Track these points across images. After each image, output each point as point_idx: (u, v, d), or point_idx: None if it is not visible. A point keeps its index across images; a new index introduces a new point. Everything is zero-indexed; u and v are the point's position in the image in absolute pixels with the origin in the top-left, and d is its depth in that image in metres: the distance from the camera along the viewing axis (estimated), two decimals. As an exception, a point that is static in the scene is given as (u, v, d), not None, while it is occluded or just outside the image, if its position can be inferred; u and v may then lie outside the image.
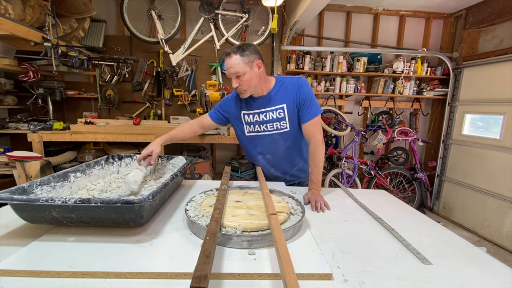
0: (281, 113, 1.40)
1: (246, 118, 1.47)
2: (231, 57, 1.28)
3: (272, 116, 1.42)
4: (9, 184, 2.44)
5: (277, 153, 1.49)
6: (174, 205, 1.14)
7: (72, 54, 2.66)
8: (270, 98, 1.41)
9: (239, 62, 1.27)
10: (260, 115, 1.43)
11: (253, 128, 1.47)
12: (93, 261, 0.72)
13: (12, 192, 0.85)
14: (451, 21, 3.81)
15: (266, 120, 1.43)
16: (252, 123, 1.46)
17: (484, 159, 3.20)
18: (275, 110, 1.41)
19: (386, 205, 1.26)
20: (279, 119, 1.41)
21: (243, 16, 3.29)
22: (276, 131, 1.44)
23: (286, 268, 0.59)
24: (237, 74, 1.29)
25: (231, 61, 1.28)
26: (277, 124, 1.42)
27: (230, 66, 1.28)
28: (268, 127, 1.44)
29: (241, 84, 1.32)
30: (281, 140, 1.45)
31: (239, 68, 1.28)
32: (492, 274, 0.76)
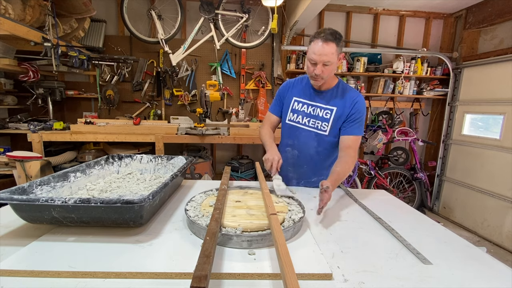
0: (327, 114, 1.38)
1: (295, 105, 1.44)
2: (328, 44, 1.20)
3: (319, 114, 1.39)
4: (9, 184, 2.44)
5: (306, 153, 1.45)
6: (174, 205, 1.14)
7: (72, 54, 2.66)
8: (327, 95, 1.39)
9: (333, 52, 1.22)
10: (309, 107, 1.41)
11: (295, 117, 1.44)
12: (93, 261, 0.71)
13: (12, 192, 0.85)
14: (451, 21, 3.81)
15: (312, 114, 1.40)
16: (297, 112, 1.44)
17: (484, 159, 3.20)
18: (324, 109, 1.38)
19: (386, 205, 1.26)
20: (324, 119, 1.38)
21: (243, 16, 3.29)
22: (315, 130, 1.41)
23: (286, 268, 0.59)
24: (326, 63, 1.23)
25: (328, 49, 1.20)
26: (319, 123, 1.39)
27: (325, 53, 1.21)
28: (310, 123, 1.41)
29: (324, 73, 1.26)
30: (315, 142, 1.42)
31: (332, 58, 1.22)
32: (492, 274, 0.76)
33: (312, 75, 1.29)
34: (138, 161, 1.47)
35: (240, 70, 3.71)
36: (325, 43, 1.20)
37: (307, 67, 1.30)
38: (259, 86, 3.73)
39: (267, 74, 3.75)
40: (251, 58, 3.73)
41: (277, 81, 3.80)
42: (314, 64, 1.25)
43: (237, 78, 3.76)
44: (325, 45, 1.20)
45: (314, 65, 1.25)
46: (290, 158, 1.51)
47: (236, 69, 3.74)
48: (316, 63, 1.24)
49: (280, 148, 1.54)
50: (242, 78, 3.72)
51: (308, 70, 1.29)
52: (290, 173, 1.53)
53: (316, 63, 1.24)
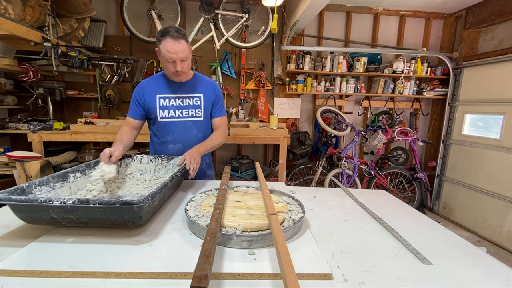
0: (197, 101, 1.49)
1: (162, 102, 1.47)
2: (179, 41, 1.29)
3: (189, 103, 1.48)
4: (9, 184, 2.44)
5: (189, 143, 1.49)
6: (174, 205, 1.14)
7: (72, 54, 2.66)
8: (189, 85, 1.49)
9: (186, 48, 1.33)
10: (177, 100, 1.47)
11: (167, 113, 1.47)
12: (93, 261, 0.71)
13: (11, 193, 0.85)
14: (451, 21, 3.81)
15: (183, 105, 1.48)
16: (167, 107, 1.47)
17: (484, 159, 3.20)
18: (192, 98, 1.49)
19: (386, 205, 1.26)
20: (195, 106, 1.49)
21: (243, 16, 3.29)
22: (191, 118, 1.49)
23: (286, 268, 0.59)
24: (183, 59, 1.34)
25: (181, 46, 1.30)
26: (193, 111, 1.49)
27: (180, 50, 1.30)
28: (183, 113, 1.48)
29: (184, 68, 1.36)
30: (194, 129, 1.50)
31: (187, 53, 1.34)
32: (492, 274, 0.76)
33: (174, 72, 1.37)
34: (138, 161, 1.47)
35: (240, 70, 3.71)
36: (177, 42, 1.29)
37: (166, 67, 1.37)
38: (259, 86, 3.73)
39: (267, 74, 3.75)
40: (251, 58, 3.73)
41: (277, 81, 3.80)
42: (173, 62, 1.33)
43: (237, 78, 3.76)
44: (177, 44, 1.29)
45: (174, 63, 1.33)
46: (175, 153, 1.53)
47: (236, 69, 3.74)
48: (174, 60, 1.32)
49: (161, 148, 1.55)
50: (242, 78, 3.72)
51: (169, 69, 1.37)
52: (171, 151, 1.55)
53: (174, 60, 1.32)
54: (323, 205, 1.22)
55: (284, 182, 2.89)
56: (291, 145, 3.55)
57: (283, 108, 3.88)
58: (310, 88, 3.66)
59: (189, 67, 1.42)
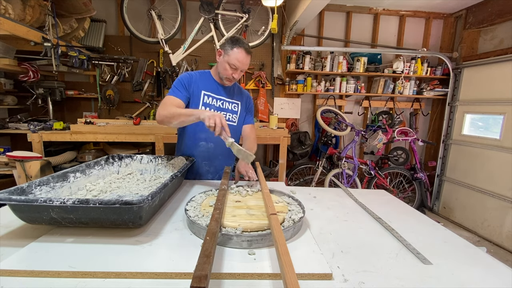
0: (235, 107, 1.60)
1: (206, 99, 1.51)
2: (249, 56, 1.43)
3: (228, 107, 1.57)
4: (9, 184, 2.44)
5: (220, 144, 1.53)
6: (174, 205, 1.14)
7: (72, 54, 2.66)
8: (231, 91, 1.59)
9: (249, 61, 1.46)
10: (218, 101, 1.54)
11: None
12: (93, 261, 0.71)
13: (11, 193, 0.85)
14: (451, 21, 3.81)
15: (223, 108, 1.55)
16: (209, 106, 1.52)
17: (484, 159, 3.20)
18: (231, 103, 1.58)
19: (386, 205, 1.26)
20: (233, 111, 1.59)
21: (243, 16, 3.29)
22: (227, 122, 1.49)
23: (286, 268, 0.59)
24: (243, 70, 1.47)
25: (248, 60, 1.44)
26: (230, 115, 1.57)
27: (247, 64, 1.44)
28: None
29: (238, 78, 1.49)
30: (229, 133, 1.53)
31: (247, 66, 1.47)
32: (492, 274, 0.76)
33: (229, 78, 1.47)
34: (138, 161, 1.47)
35: (240, 70, 3.70)
36: (247, 54, 1.42)
37: (225, 69, 1.44)
38: (259, 86, 3.73)
39: (267, 74, 3.75)
40: (251, 58, 3.72)
41: (277, 81, 3.80)
42: (235, 69, 1.43)
43: (237, 78, 3.75)
44: (247, 57, 1.42)
45: (235, 70, 1.44)
46: (205, 151, 1.57)
47: (236, 69, 3.73)
48: (237, 69, 1.43)
49: (191, 144, 1.57)
50: (242, 78, 3.72)
51: (226, 72, 1.44)
52: (206, 166, 1.60)
53: (237, 69, 1.43)
54: (323, 205, 1.22)
55: (284, 182, 2.89)
56: (291, 145, 3.55)
57: (283, 108, 3.88)
58: (310, 88, 3.66)
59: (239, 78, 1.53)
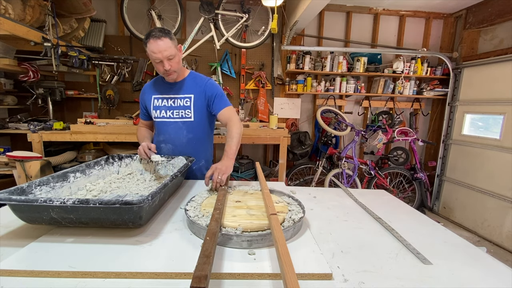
0: (187, 101, 1.48)
1: (155, 102, 1.51)
2: (162, 40, 1.28)
3: (180, 104, 1.48)
4: (9, 184, 2.44)
5: (179, 143, 1.52)
6: (174, 205, 1.14)
7: (72, 54, 2.66)
8: (181, 86, 1.49)
9: (170, 46, 1.31)
10: (169, 100, 1.49)
11: (159, 113, 1.51)
12: (93, 261, 0.71)
13: (11, 193, 0.85)
14: (451, 21, 3.81)
15: (174, 106, 1.49)
16: (160, 108, 1.50)
17: (484, 159, 3.20)
18: (183, 98, 1.48)
19: (386, 205, 1.26)
20: (185, 107, 1.48)
21: (243, 16, 3.29)
22: (180, 119, 1.49)
23: (286, 268, 0.59)
24: (170, 57, 1.33)
25: (164, 44, 1.29)
26: (183, 112, 1.49)
27: (164, 49, 1.29)
28: (174, 114, 1.49)
29: (172, 66, 1.36)
30: (184, 130, 1.50)
31: (172, 51, 1.32)
32: (492, 274, 0.76)
33: (163, 72, 1.38)
34: (138, 161, 1.47)
35: (240, 70, 3.71)
36: (159, 40, 1.28)
37: (157, 69, 1.37)
38: (259, 86, 3.73)
39: (267, 74, 3.75)
40: (251, 58, 3.73)
41: (277, 81, 3.80)
42: (161, 62, 1.33)
43: (237, 78, 3.76)
44: (160, 42, 1.28)
45: (161, 63, 1.33)
46: (166, 153, 1.56)
47: (236, 69, 3.74)
48: (161, 61, 1.32)
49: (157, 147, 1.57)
50: (242, 78, 3.72)
51: (159, 70, 1.37)
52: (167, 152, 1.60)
53: (161, 61, 1.32)
54: (323, 205, 1.22)
55: (284, 182, 2.89)
56: (291, 145, 3.55)
57: (283, 108, 3.88)
58: (310, 88, 3.66)
59: (179, 65, 1.41)
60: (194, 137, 1.53)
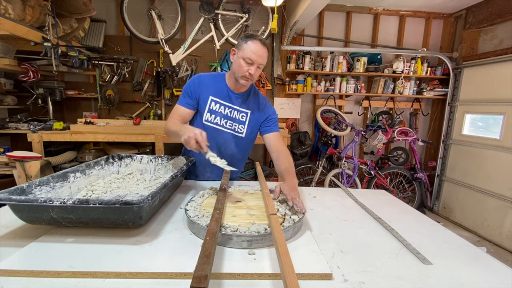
0: (243, 117, 1.44)
1: (212, 105, 1.41)
2: (266, 48, 1.29)
3: (236, 116, 1.44)
4: (9, 184, 2.44)
5: (225, 153, 1.46)
6: (174, 205, 1.14)
7: (72, 54, 2.66)
8: (242, 98, 1.44)
9: (266, 56, 1.31)
10: (227, 108, 1.42)
11: (213, 118, 1.42)
12: (93, 261, 0.71)
13: (11, 193, 0.85)
14: (451, 21, 3.81)
15: (230, 116, 1.43)
16: (215, 112, 1.42)
17: (484, 159, 3.20)
18: (239, 112, 1.44)
19: (386, 205, 1.26)
20: (240, 121, 1.44)
21: (243, 16, 3.29)
22: (232, 132, 1.44)
23: (286, 268, 0.59)
24: (260, 66, 1.31)
25: (265, 52, 1.30)
26: (236, 126, 1.44)
27: (263, 56, 1.29)
28: (227, 124, 1.43)
29: (255, 75, 1.32)
30: (232, 144, 1.46)
31: (265, 61, 1.31)
32: (492, 274, 0.76)
33: (245, 75, 1.30)
34: (138, 161, 1.47)
35: (240, 70, 3.70)
36: (264, 47, 1.28)
37: (240, 66, 1.29)
38: (259, 86, 3.73)
39: (267, 74, 3.75)
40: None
41: (277, 81, 3.80)
42: (250, 64, 1.28)
43: (237, 78, 3.75)
44: (263, 48, 1.27)
45: (250, 65, 1.28)
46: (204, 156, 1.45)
47: (236, 69, 3.73)
48: (253, 63, 1.27)
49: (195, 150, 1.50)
50: (242, 78, 3.72)
51: (242, 69, 1.29)
52: (208, 173, 1.54)
53: (253, 63, 1.27)
54: (323, 205, 1.22)
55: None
56: (291, 145, 3.55)
57: (283, 108, 3.88)
58: (310, 88, 3.66)
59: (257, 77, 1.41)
60: (238, 152, 1.49)
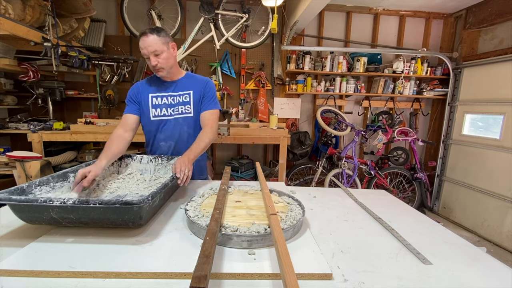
0: (187, 97, 1.51)
1: (154, 101, 1.50)
2: (148, 36, 1.34)
3: (179, 100, 1.50)
4: (9, 184, 2.44)
5: (180, 140, 1.51)
6: (174, 206, 1.14)
7: (72, 54, 2.66)
8: (179, 84, 1.52)
9: (156, 42, 1.35)
10: (168, 98, 1.50)
11: (159, 112, 1.50)
12: (93, 261, 0.71)
13: (11, 193, 0.85)
14: (451, 21, 3.81)
15: (174, 103, 1.50)
16: (159, 106, 1.50)
17: (484, 159, 3.20)
18: (182, 95, 1.51)
19: (386, 205, 1.26)
20: (185, 103, 1.51)
21: (243, 16, 3.28)
22: (181, 115, 1.51)
23: (286, 268, 0.59)
24: (156, 53, 1.36)
25: (149, 40, 1.34)
26: (182, 108, 1.51)
27: (148, 44, 1.34)
28: (174, 111, 1.50)
29: (160, 62, 1.38)
30: (185, 126, 1.52)
31: (158, 47, 1.35)
32: (492, 274, 0.76)
33: (153, 69, 1.41)
34: (138, 161, 1.47)
35: (240, 70, 3.71)
36: (145, 36, 1.34)
37: (149, 64, 1.41)
38: (259, 86, 3.73)
39: (267, 74, 3.75)
40: (251, 58, 3.73)
41: (277, 81, 3.80)
42: (148, 58, 1.37)
43: (237, 78, 3.76)
44: (145, 38, 1.34)
45: (149, 59, 1.38)
46: (167, 151, 1.55)
47: (236, 69, 3.74)
48: (148, 56, 1.36)
49: (154, 146, 1.56)
50: (242, 78, 3.72)
51: (149, 64, 1.40)
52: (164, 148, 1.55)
53: (148, 56, 1.36)
54: (323, 205, 1.22)
55: (284, 182, 2.89)
56: (291, 145, 3.54)
57: (283, 108, 3.88)
58: (310, 88, 3.66)
59: (168, 62, 1.42)
60: (194, 133, 1.51)
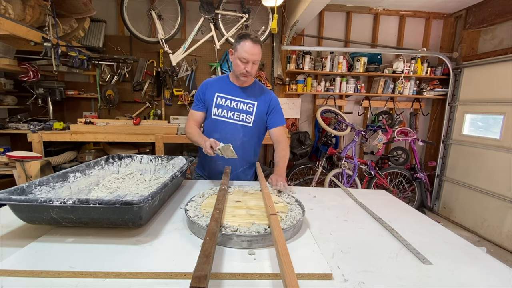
0: (250, 107, 1.55)
1: (219, 100, 1.54)
2: (257, 45, 1.40)
3: (242, 107, 1.55)
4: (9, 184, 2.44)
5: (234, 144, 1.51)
6: (174, 205, 1.14)
7: (72, 54, 2.66)
8: (247, 91, 1.56)
9: (260, 53, 1.43)
10: (232, 102, 1.54)
11: (220, 112, 1.55)
12: (93, 261, 0.71)
13: (11, 193, 0.85)
14: (451, 21, 3.81)
15: (236, 108, 1.54)
16: (221, 106, 1.54)
17: (484, 159, 3.20)
18: (246, 103, 1.55)
19: (386, 205, 1.26)
20: (247, 112, 1.55)
21: (243, 16, 3.28)
22: (240, 122, 1.55)
23: (286, 268, 0.59)
24: (255, 62, 1.43)
25: (257, 49, 1.40)
26: (244, 116, 1.55)
27: (255, 53, 1.40)
28: (234, 116, 1.55)
29: (252, 70, 1.44)
30: (241, 133, 1.56)
31: (258, 58, 1.43)
32: (492, 274, 0.76)
33: (243, 72, 1.44)
34: (138, 161, 1.47)
35: (240, 70, 3.70)
36: (256, 44, 1.40)
37: (238, 65, 1.44)
38: (259, 86, 3.73)
39: (267, 74, 3.75)
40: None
41: (277, 81, 3.80)
42: (246, 63, 1.42)
43: (237, 78, 3.75)
44: (255, 46, 1.39)
45: (246, 64, 1.42)
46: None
47: (236, 69, 3.73)
48: (247, 61, 1.41)
49: None
50: (242, 78, 3.72)
51: (239, 68, 1.44)
52: (219, 167, 1.59)
53: (247, 61, 1.41)
54: (323, 205, 1.23)
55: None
56: (291, 145, 3.54)
57: (283, 108, 3.83)
58: (310, 88, 3.66)
59: (255, 72, 1.49)
60: (248, 141, 1.58)
